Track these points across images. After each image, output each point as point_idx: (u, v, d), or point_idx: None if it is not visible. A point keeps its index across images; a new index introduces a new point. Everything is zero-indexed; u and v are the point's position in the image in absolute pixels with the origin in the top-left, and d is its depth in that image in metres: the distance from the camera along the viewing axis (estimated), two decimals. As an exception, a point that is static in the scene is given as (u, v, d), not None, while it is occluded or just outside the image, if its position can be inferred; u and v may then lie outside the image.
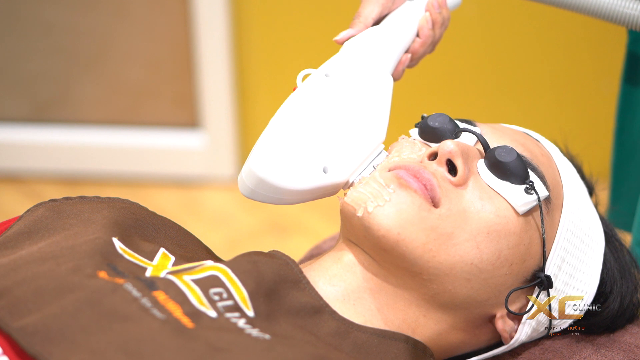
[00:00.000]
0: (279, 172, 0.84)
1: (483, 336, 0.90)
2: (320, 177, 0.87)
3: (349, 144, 0.88)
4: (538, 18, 2.16)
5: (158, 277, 0.80)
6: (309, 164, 0.86)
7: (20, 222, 0.88)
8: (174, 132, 2.39)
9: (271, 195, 0.86)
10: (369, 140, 0.90)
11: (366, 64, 0.92)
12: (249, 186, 0.86)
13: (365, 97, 0.90)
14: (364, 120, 0.90)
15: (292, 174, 0.85)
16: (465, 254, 0.84)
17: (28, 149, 2.39)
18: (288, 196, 0.86)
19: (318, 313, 0.83)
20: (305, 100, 0.88)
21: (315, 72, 0.90)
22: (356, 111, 0.89)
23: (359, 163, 0.89)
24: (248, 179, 0.85)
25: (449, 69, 2.23)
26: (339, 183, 0.88)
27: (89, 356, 0.70)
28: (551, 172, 0.91)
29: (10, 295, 0.76)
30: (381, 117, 0.91)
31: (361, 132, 0.89)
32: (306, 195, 0.87)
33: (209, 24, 2.24)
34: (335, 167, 0.87)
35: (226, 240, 2.15)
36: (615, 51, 1.37)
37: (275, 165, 0.85)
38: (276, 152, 0.85)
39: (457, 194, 0.85)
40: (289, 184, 0.85)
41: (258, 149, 0.85)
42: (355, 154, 0.89)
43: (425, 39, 0.98)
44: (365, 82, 0.91)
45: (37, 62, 2.34)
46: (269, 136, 0.86)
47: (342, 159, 0.88)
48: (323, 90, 0.89)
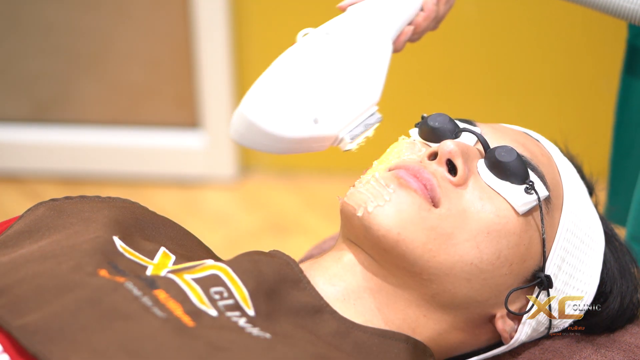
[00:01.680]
0: (270, 117, 0.85)
1: (483, 336, 0.90)
2: (310, 126, 0.86)
3: (343, 99, 0.89)
4: (538, 18, 2.16)
5: (159, 275, 0.80)
6: (300, 112, 0.86)
7: (20, 221, 0.88)
8: (174, 132, 2.39)
9: (260, 141, 0.85)
10: (363, 99, 0.90)
11: (367, 28, 0.93)
12: (239, 130, 0.86)
13: (363, 58, 0.91)
14: (360, 80, 0.90)
15: (283, 121, 0.85)
16: (465, 254, 0.84)
17: (28, 149, 2.39)
18: (276, 143, 0.86)
19: (318, 313, 0.83)
20: (303, 53, 0.89)
21: (316, 30, 0.91)
22: (353, 70, 0.90)
23: (350, 119, 0.89)
24: (239, 122, 0.85)
25: (449, 69, 2.23)
26: (328, 136, 0.88)
27: (90, 355, 0.71)
28: (551, 172, 0.91)
29: (11, 294, 0.76)
30: (377, 79, 0.91)
31: (356, 90, 0.90)
32: (294, 145, 0.87)
33: (209, 24, 2.24)
34: (327, 119, 0.87)
35: (226, 240, 2.15)
36: (615, 51, 1.37)
37: (267, 110, 0.85)
38: (269, 98, 0.85)
39: (457, 194, 0.85)
40: (279, 130, 0.85)
41: (251, 94, 0.85)
42: (347, 110, 0.89)
43: (429, 13, 0.98)
44: (365, 44, 0.92)
45: (37, 62, 2.34)
46: (263, 83, 0.86)
47: (334, 112, 0.88)
48: (322, 46, 0.89)
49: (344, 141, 0.89)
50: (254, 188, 2.36)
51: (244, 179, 2.39)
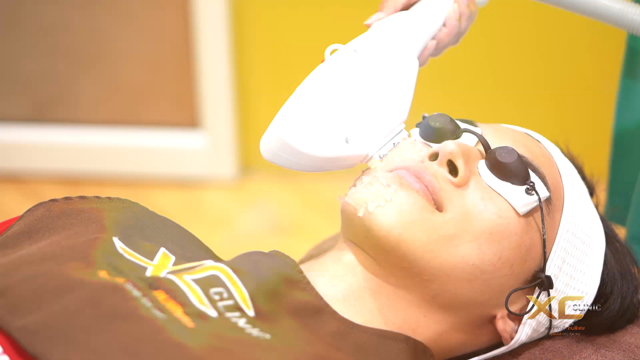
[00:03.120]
0: (303, 137, 0.87)
1: (483, 337, 0.90)
2: (342, 146, 0.88)
3: (372, 118, 0.90)
4: (538, 18, 2.16)
5: (158, 276, 0.80)
6: (332, 132, 0.88)
7: (20, 221, 0.88)
8: (174, 132, 2.39)
9: (292, 160, 0.88)
10: (392, 117, 0.92)
11: (394, 45, 0.94)
12: (272, 149, 0.88)
13: (391, 75, 0.92)
14: (388, 98, 0.92)
15: (316, 141, 0.87)
16: (467, 255, 0.84)
17: (28, 149, 2.39)
18: (309, 162, 0.88)
19: (318, 313, 0.83)
20: (332, 72, 0.90)
21: (344, 47, 0.92)
22: (381, 88, 0.91)
23: (380, 138, 0.91)
24: (272, 141, 0.87)
25: (449, 69, 2.23)
26: (358, 155, 0.90)
27: (90, 355, 0.70)
28: (552, 172, 0.91)
29: (11, 295, 0.76)
30: (405, 97, 0.93)
31: (384, 108, 0.91)
32: (326, 164, 0.89)
33: (209, 24, 2.24)
34: (357, 139, 0.89)
35: (226, 240, 2.15)
36: (615, 51, 1.36)
37: (301, 130, 0.87)
38: (302, 118, 0.87)
39: (459, 196, 0.85)
40: (312, 149, 0.87)
41: (284, 114, 0.87)
42: (377, 129, 0.91)
43: (451, 29, 1.00)
44: (392, 62, 0.93)
45: (37, 62, 2.34)
46: (295, 103, 0.88)
47: (364, 132, 0.90)
48: (351, 64, 0.91)
49: (372, 159, 0.90)
50: (254, 188, 2.36)
51: (244, 179, 2.39)
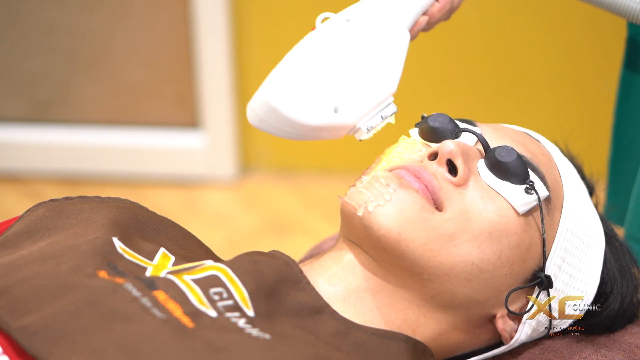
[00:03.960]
0: (292, 104, 0.86)
1: (483, 336, 0.90)
2: (330, 115, 0.88)
3: (362, 88, 0.90)
4: (538, 18, 2.16)
5: (158, 276, 0.80)
6: (322, 100, 0.87)
7: (20, 221, 0.88)
8: (174, 132, 2.39)
9: (279, 127, 0.87)
10: (381, 88, 0.91)
11: (386, 16, 0.93)
12: (259, 114, 0.87)
13: (382, 47, 0.92)
14: (378, 69, 0.91)
15: (305, 108, 0.86)
16: (467, 254, 0.84)
17: (28, 149, 2.39)
18: (297, 130, 0.87)
19: (318, 313, 0.83)
20: (324, 40, 0.89)
21: (336, 16, 0.91)
22: (372, 59, 0.91)
23: (368, 109, 0.90)
24: (260, 107, 0.86)
25: (449, 69, 2.23)
26: (346, 125, 0.89)
27: (89, 356, 0.70)
28: (551, 172, 0.91)
29: (11, 295, 0.76)
30: (395, 69, 0.92)
31: (374, 79, 0.90)
32: (313, 132, 0.88)
33: (209, 24, 2.24)
34: (346, 109, 0.89)
35: (226, 240, 2.15)
36: (615, 51, 1.37)
37: (290, 96, 0.86)
38: (291, 85, 0.86)
39: (459, 195, 0.85)
40: (300, 117, 0.86)
41: (273, 79, 0.86)
42: (366, 99, 0.90)
43: (444, 5, 0.99)
44: (384, 33, 0.92)
45: (37, 62, 2.34)
46: (285, 68, 0.87)
47: (353, 102, 0.89)
48: (342, 33, 0.90)
49: (360, 131, 0.90)
50: (254, 188, 2.36)
51: (244, 179, 2.39)
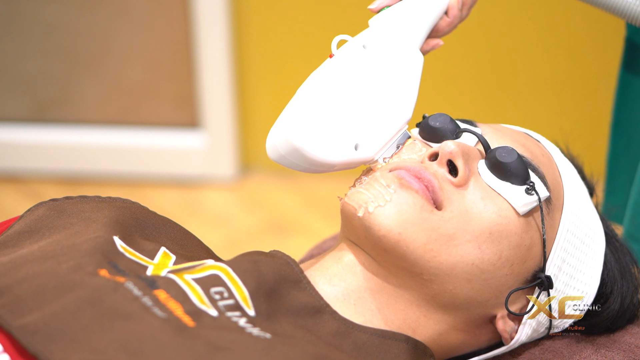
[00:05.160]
0: (315, 145, 0.84)
1: (483, 336, 0.90)
2: (351, 152, 0.87)
3: (380, 120, 0.88)
4: (538, 18, 2.16)
5: (159, 275, 0.80)
6: (343, 138, 0.86)
7: (20, 221, 0.88)
8: (174, 132, 2.39)
9: (300, 164, 0.85)
10: (398, 118, 0.90)
11: (401, 39, 0.91)
12: (279, 151, 0.84)
13: (398, 73, 0.90)
14: (395, 97, 0.90)
15: (327, 147, 0.85)
16: (467, 255, 0.84)
17: (28, 149, 2.39)
18: (318, 167, 0.86)
19: (318, 313, 0.83)
20: (343, 71, 0.87)
21: (352, 40, 0.89)
22: (389, 87, 0.89)
23: (386, 141, 0.89)
24: (282, 146, 0.84)
25: (449, 69, 2.23)
26: (366, 159, 0.88)
27: (90, 355, 0.71)
28: (552, 172, 0.91)
29: (11, 294, 0.76)
30: (410, 96, 0.91)
31: (391, 109, 0.89)
32: (333, 168, 0.87)
33: (209, 24, 2.24)
34: (366, 144, 0.88)
35: (226, 240, 2.15)
36: (615, 51, 1.37)
37: (313, 137, 0.84)
38: (313, 123, 0.84)
39: (459, 195, 0.85)
40: (323, 156, 0.85)
41: (294, 115, 0.84)
42: (384, 132, 0.89)
43: (453, 19, 0.97)
44: (399, 58, 0.91)
45: (37, 62, 2.34)
46: (304, 103, 0.85)
47: (372, 136, 0.88)
48: (360, 62, 0.88)
49: (377, 163, 0.89)
50: (254, 188, 2.36)
51: (244, 179, 2.39)
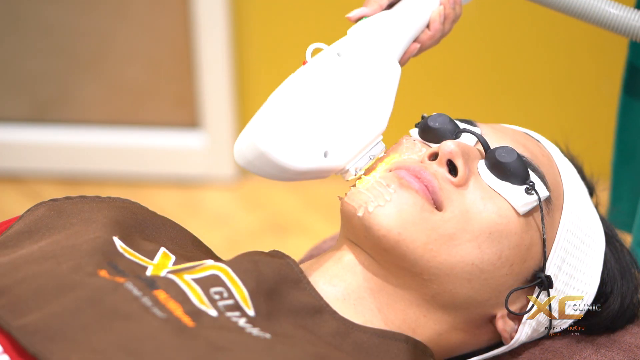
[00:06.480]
0: (282, 150, 0.82)
1: (483, 336, 0.90)
2: (320, 160, 0.84)
3: (352, 130, 0.86)
4: (538, 18, 2.16)
5: (159, 276, 0.80)
6: (311, 145, 0.84)
7: (20, 221, 0.88)
8: (174, 132, 2.39)
9: (267, 170, 0.83)
10: (371, 129, 0.88)
11: (378, 49, 0.90)
12: (247, 157, 0.82)
13: (373, 83, 0.88)
14: (369, 108, 0.88)
15: (295, 153, 0.82)
16: (467, 255, 0.84)
17: (28, 149, 2.39)
18: (285, 174, 0.83)
19: (318, 313, 0.83)
20: (315, 78, 0.85)
21: (328, 48, 0.87)
22: (363, 97, 0.87)
23: (358, 151, 0.88)
24: (248, 150, 0.82)
25: (449, 69, 2.23)
26: (336, 168, 0.87)
27: (90, 355, 0.71)
28: (552, 172, 0.91)
29: (11, 294, 0.76)
30: (385, 107, 0.89)
31: (365, 119, 0.87)
32: (301, 176, 0.85)
33: (209, 24, 2.24)
34: (336, 153, 0.86)
35: (226, 240, 2.15)
36: (616, 51, 1.37)
37: (279, 141, 0.81)
38: (281, 129, 0.82)
39: (459, 195, 0.85)
40: (290, 163, 0.82)
41: (263, 121, 0.82)
42: (356, 142, 0.87)
43: (435, 33, 0.96)
44: (375, 68, 0.89)
45: (37, 62, 2.34)
46: (274, 108, 0.83)
47: (343, 145, 0.86)
48: (334, 70, 0.86)
49: (348, 172, 0.88)
50: (254, 188, 2.36)
51: (244, 179, 2.39)
